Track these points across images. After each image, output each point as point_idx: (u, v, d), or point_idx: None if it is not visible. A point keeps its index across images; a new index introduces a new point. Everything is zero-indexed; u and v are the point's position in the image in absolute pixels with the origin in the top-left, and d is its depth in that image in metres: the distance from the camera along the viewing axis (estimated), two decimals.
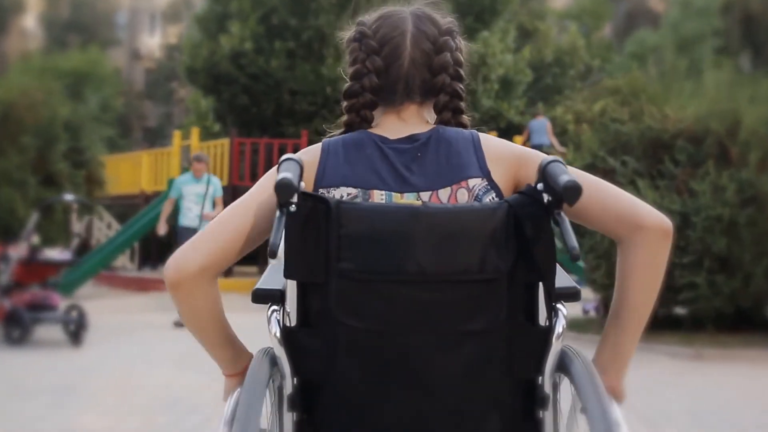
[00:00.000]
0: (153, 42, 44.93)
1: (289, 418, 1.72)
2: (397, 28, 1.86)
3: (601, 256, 9.79)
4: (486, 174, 1.77)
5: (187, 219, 11.12)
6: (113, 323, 11.24)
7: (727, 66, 17.89)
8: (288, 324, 1.78)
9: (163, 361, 8.37)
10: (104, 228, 22.48)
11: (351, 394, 1.67)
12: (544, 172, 1.62)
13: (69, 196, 12.18)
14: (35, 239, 10.09)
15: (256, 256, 19.80)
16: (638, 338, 1.82)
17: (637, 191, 9.56)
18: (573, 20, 32.97)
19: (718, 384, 7.60)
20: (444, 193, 1.76)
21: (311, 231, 1.63)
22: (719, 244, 9.07)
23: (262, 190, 1.78)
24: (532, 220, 1.64)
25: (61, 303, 9.42)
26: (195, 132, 19.03)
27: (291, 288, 1.77)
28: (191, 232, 10.06)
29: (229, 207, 1.80)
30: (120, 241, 18.21)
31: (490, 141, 1.85)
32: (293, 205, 1.59)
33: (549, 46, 26.44)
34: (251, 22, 19.07)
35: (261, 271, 18.10)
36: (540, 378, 1.71)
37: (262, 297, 1.78)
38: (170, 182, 18.68)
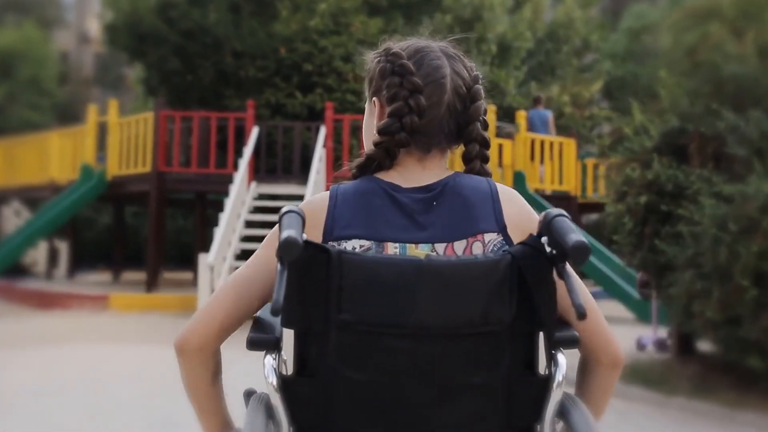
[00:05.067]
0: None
1: None
2: (439, 69, 1.82)
3: (710, 276, 5.97)
4: (502, 229, 1.75)
5: None
6: None
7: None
8: (285, 372, 1.73)
9: None
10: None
11: None
12: (549, 226, 1.60)
13: None
14: None
15: (191, 257, 16.66)
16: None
17: None
18: None
19: None
20: (459, 246, 1.73)
21: (311, 280, 1.62)
22: None
23: (266, 250, 1.79)
24: (534, 271, 1.63)
25: None
26: (113, 105, 15.45)
27: (288, 336, 1.74)
28: None
29: (227, 281, 1.82)
30: (16, 242, 14.86)
31: (507, 194, 1.81)
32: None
33: (541, 19, 22.95)
34: None
35: (196, 279, 14.99)
36: (539, 426, 1.70)
37: (257, 344, 1.72)
38: (84, 169, 15.70)
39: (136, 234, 21.13)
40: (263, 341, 1.71)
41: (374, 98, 1.88)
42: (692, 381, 6.78)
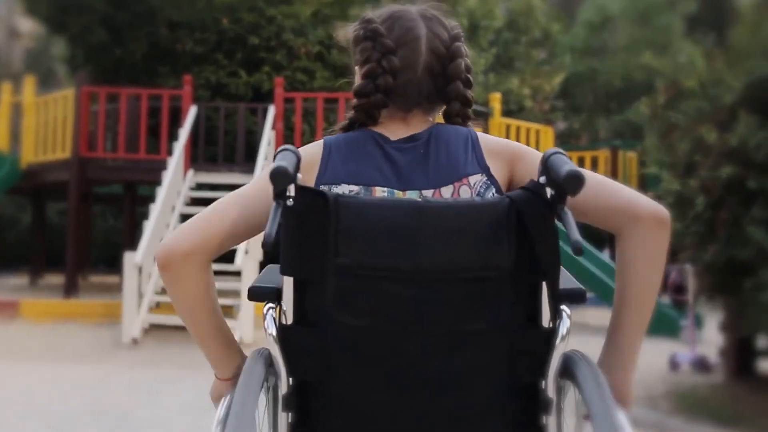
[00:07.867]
0: None
1: (283, 419, 1.72)
2: (412, 30, 1.86)
3: None
4: (485, 169, 1.79)
5: None
6: None
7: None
8: (285, 322, 1.76)
9: None
10: None
11: (346, 395, 1.66)
12: (546, 165, 1.59)
13: None
14: None
15: (121, 258, 14.80)
16: (642, 336, 1.78)
17: None
18: None
19: None
20: (446, 191, 1.77)
21: (308, 226, 1.63)
22: None
23: (262, 181, 1.76)
24: (535, 216, 1.62)
25: None
26: (29, 82, 13.71)
27: (288, 285, 1.75)
28: None
29: (226, 195, 1.81)
30: None
31: (487, 137, 1.87)
32: (290, 200, 1.60)
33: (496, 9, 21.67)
34: None
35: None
36: (543, 382, 1.69)
37: (257, 295, 1.78)
38: None
39: (62, 234, 19.48)
40: (264, 292, 1.75)
41: (356, 67, 1.89)
42: None
